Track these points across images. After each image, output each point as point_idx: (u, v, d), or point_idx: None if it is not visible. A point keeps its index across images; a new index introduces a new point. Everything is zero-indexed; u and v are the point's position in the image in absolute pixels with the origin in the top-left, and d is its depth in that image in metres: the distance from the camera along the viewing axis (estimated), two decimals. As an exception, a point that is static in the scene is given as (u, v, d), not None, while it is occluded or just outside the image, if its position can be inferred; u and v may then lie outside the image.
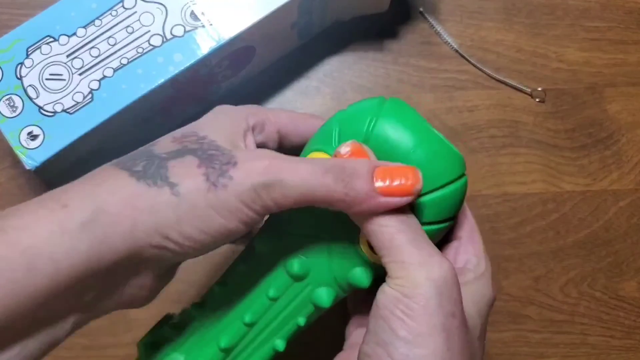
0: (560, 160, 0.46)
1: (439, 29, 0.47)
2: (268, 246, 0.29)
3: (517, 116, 0.46)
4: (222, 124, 0.27)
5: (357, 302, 0.31)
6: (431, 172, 0.26)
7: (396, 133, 0.27)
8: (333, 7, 0.44)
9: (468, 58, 0.47)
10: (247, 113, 0.28)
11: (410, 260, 0.24)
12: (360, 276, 0.27)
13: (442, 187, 0.27)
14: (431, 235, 0.26)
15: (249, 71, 0.44)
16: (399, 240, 0.24)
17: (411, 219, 0.25)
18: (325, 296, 0.28)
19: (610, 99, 0.47)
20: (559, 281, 0.44)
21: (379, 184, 0.24)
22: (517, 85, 0.47)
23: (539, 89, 0.47)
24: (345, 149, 0.26)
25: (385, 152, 0.27)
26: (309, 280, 0.28)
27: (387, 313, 0.24)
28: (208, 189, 0.23)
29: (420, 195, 0.25)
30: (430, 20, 0.48)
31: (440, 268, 0.24)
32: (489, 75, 0.47)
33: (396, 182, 0.24)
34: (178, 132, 0.27)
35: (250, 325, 0.28)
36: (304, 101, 0.46)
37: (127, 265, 0.23)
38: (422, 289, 0.23)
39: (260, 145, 0.29)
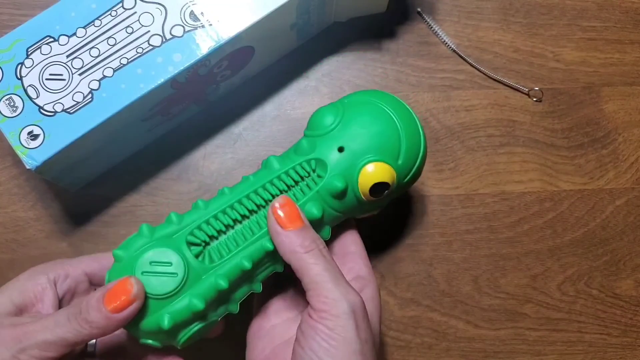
0: (557, 160, 0.46)
1: (436, 29, 0.48)
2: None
3: (514, 115, 0.47)
4: (13, 289, 0.33)
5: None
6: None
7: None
8: (331, 8, 0.44)
9: (465, 58, 0.47)
10: (46, 270, 0.34)
11: (333, 296, 0.29)
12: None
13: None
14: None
15: (248, 71, 0.44)
16: (324, 277, 0.29)
17: (332, 260, 0.31)
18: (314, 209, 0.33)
19: (606, 99, 0.47)
20: (556, 279, 0.44)
21: (109, 307, 0.29)
22: (514, 85, 0.47)
23: (536, 88, 0.47)
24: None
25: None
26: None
27: (313, 344, 0.29)
28: None
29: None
30: (428, 20, 0.48)
31: (354, 302, 0.29)
32: (486, 74, 0.47)
33: (121, 299, 0.29)
34: None
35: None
36: (303, 101, 0.46)
37: None
38: (341, 322, 0.28)
39: (70, 290, 0.34)
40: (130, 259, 0.30)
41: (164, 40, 0.37)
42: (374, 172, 0.33)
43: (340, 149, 0.34)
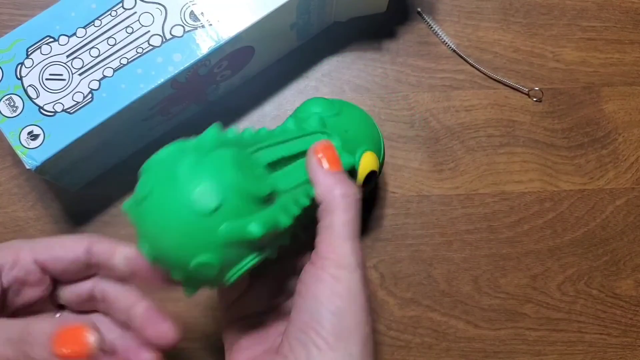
0: (557, 160, 0.46)
1: (436, 29, 0.48)
2: None
3: (514, 116, 0.47)
4: None
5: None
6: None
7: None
8: (332, 8, 0.44)
9: (465, 58, 0.47)
10: None
11: (343, 248, 0.27)
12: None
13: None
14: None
15: (248, 71, 0.44)
16: (344, 229, 0.28)
17: (359, 217, 0.29)
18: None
19: (606, 99, 0.47)
20: (556, 279, 0.44)
21: (57, 351, 0.24)
22: (514, 85, 0.47)
23: (536, 88, 0.47)
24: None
25: None
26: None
27: (316, 292, 0.27)
28: None
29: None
30: (428, 20, 0.48)
31: (362, 262, 0.28)
32: (486, 74, 0.47)
33: (73, 349, 0.24)
34: None
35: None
36: (303, 101, 0.46)
37: None
38: (347, 274, 0.27)
39: (18, 281, 0.28)
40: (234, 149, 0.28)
41: (164, 40, 0.37)
42: (371, 160, 0.36)
43: (344, 134, 0.35)
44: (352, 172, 0.35)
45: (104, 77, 0.37)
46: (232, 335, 0.32)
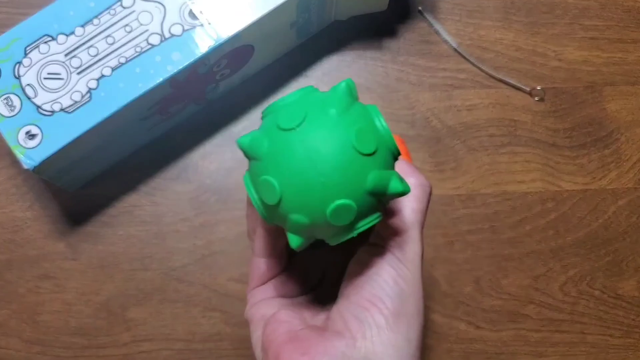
0: (559, 159, 0.46)
1: (437, 28, 0.47)
2: None
3: (516, 115, 0.46)
4: None
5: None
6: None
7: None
8: (332, 6, 0.44)
9: (467, 57, 0.47)
10: None
11: (413, 236, 0.27)
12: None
13: None
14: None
15: (248, 70, 0.44)
16: (415, 216, 0.28)
17: (426, 210, 0.28)
18: None
19: (609, 98, 0.47)
20: (558, 280, 0.44)
21: None
22: (516, 84, 0.47)
23: (538, 87, 0.47)
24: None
25: None
26: None
27: (384, 273, 0.26)
28: None
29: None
30: (429, 19, 0.48)
31: (423, 254, 0.28)
32: (487, 74, 0.47)
33: None
34: None
35: None
36: (303, 100, 0.46)
37: None
38: (415, 263, 0.27)
39: None
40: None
41: (162, 39, 0.37)
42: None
43: None
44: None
45: (102, 76, 0.36)
46: (265, 308, 0.30)
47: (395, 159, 0.25)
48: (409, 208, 0.28)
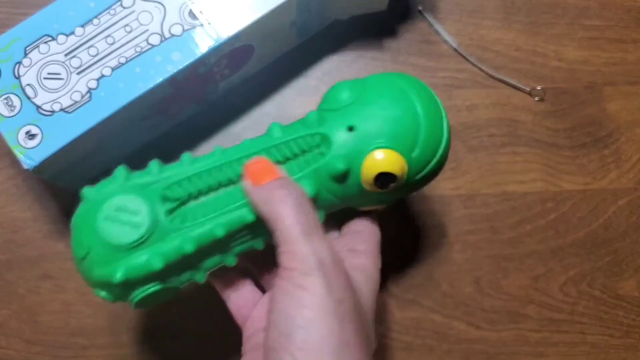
0: (559, 159, 0.46)
1: (437, 28, 0.47)
2: None
3: (516, 115, 0.46)
4: None
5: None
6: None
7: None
8: (332, 6, 0.44)
9: (467, 57, 0.47)
10: None
11: (302, 252, 0.26)
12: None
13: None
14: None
15: (248, 70, 0.44)
16: (294, 231, 0.26)
17: (311, 213, 0.27)
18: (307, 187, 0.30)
19: (609, 98, 0.47)
20: (558, 280, 0.44)
21: None
22: (516, 84, 0.47)
23: (538, 87, 0.47)
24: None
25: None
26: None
27: (284, 306, 0.26)
28: None
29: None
30: (429, 19, 0.48)
31: (324, 257, 0.26)
32: (487, 74, 0.47)
33: None
34: None
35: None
36: (303, 100, 0.46)
37: None
38: (310, 279, 0.25)
39: None
40: (97, 201, 0.29)
41: (162, 39, 0.37)
42: (382, 159, 0.29)
43: (350, 129, 0.30)
44: (351, 175, 0.30)
45: (102, 76, 0.36)
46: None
47: (130, 247, 0.29)
48: (284, 227, 0.27)
